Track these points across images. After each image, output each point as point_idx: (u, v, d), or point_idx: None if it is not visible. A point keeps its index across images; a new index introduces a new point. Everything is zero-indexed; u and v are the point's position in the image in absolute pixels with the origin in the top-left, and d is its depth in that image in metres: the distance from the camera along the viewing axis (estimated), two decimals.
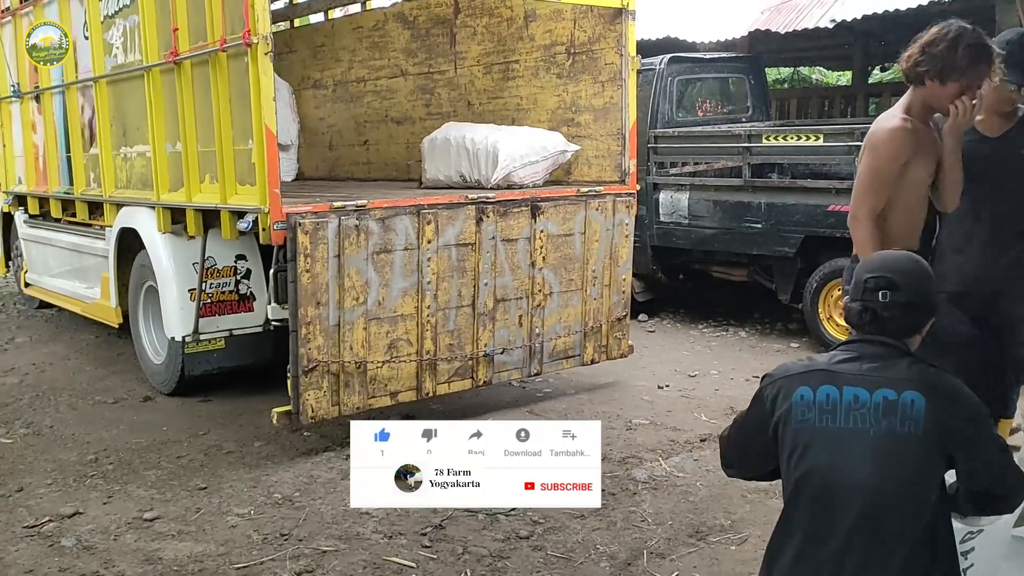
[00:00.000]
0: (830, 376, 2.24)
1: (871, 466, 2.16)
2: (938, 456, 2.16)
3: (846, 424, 2.19)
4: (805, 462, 2.22)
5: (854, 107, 10.16)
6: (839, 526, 2.17)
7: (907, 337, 2.30)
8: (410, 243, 4.82)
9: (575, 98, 6.05)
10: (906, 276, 2.30)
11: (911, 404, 2.15)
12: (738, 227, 7.08)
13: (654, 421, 5.26)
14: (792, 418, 2.25)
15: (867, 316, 2.28)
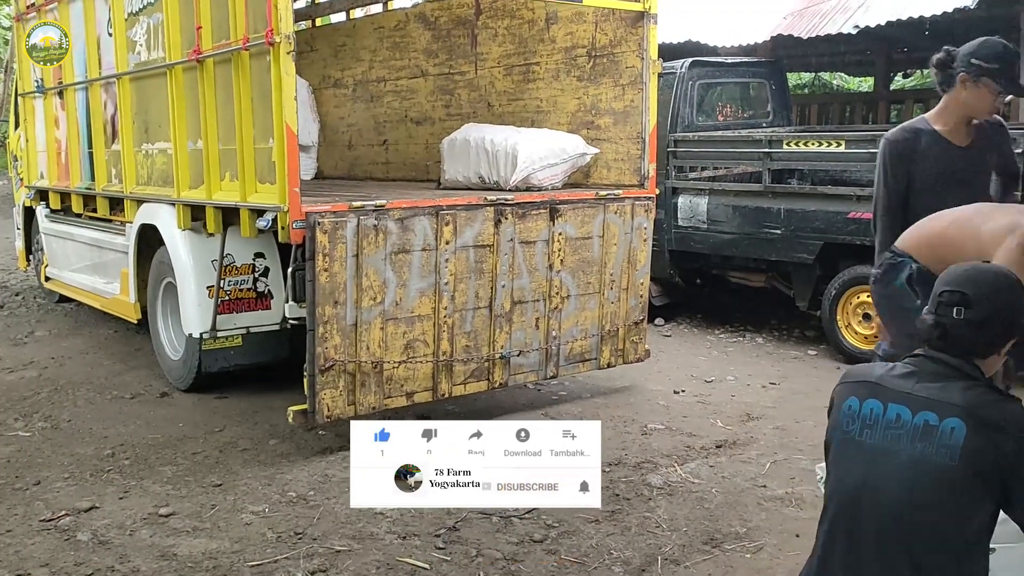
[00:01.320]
0: (879, 390, 2.21)
1: (898, 489, 2.11)
2: (977, 489, 2.06)
3: (883, 442, 2.15)
4: (839, 473, 2.22)
5: (875, 114, 10.09)
6: (860, 543, 2.14)
7: (979, 358, 2.21)
8: (428, 244, 4.83)
9: (595, 101, 6.04)
10: (983, 291, 2.19)
11: (951, 432, 2.07)
12: (757, 232, 7.05)
13: (670, 426, 5.24)
14: (839, 427, 2.24)
15: (936, 331, 2.20)
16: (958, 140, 3.61)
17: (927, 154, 3.58)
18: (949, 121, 3.60)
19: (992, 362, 2.25)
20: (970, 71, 3.49)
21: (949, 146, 3.59)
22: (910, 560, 2.08)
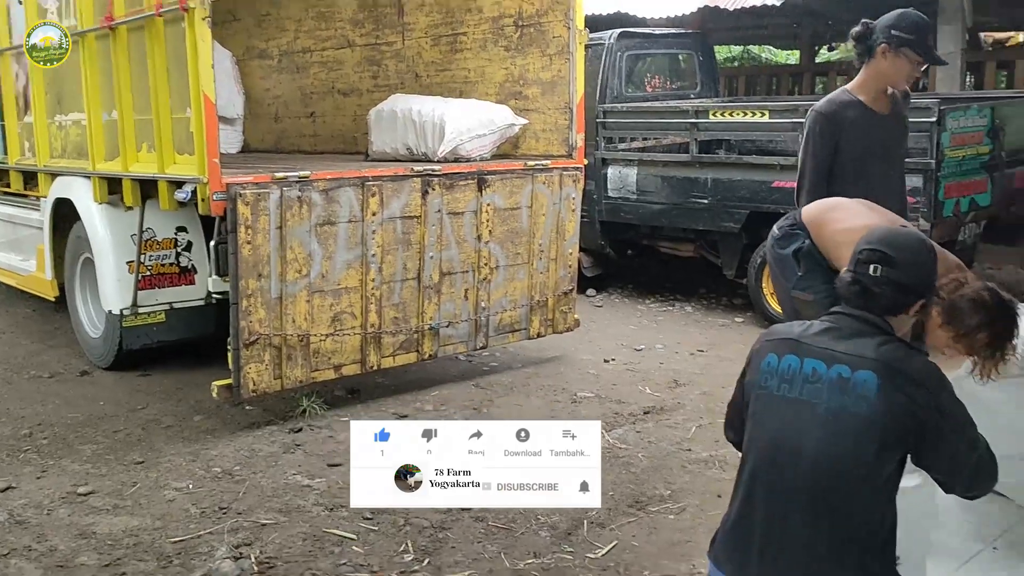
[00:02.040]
0: (797, 346, 2.25)
1: (815, 440, 2.16)
2: (886, 439, 2.12)
3: (800, 395, 2.20)
4: (758, 429, 2.26)
5: (801, 86, 10.25)
6: (779, 494, 2.18)
7: (892, 315, 2.27)
8: (354, 215, 4.77)
9: (523, 71, 6.02)
10: (904, 253, 2.27)
11: (863, 383, 2.13)
12: (685, 203, 7.12)
13: (599, 394, 5.29)
14: (757, 383, 2.28)
15: (855, 288, 2.26)
16: (879, 109, 3.70)
17: (854, 124, 3.64)
18: (871, 91, 3.67)
19: (902, 321, 2.31)
20: (890, 42, 3.56)
21: (873, 116, 3.68)
22: (828, 509, 2.14)
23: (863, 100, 3.66)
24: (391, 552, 3.44)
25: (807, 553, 2.14)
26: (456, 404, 5.13)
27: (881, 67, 3.60)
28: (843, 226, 3.18)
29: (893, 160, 3.76)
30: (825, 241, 3.23)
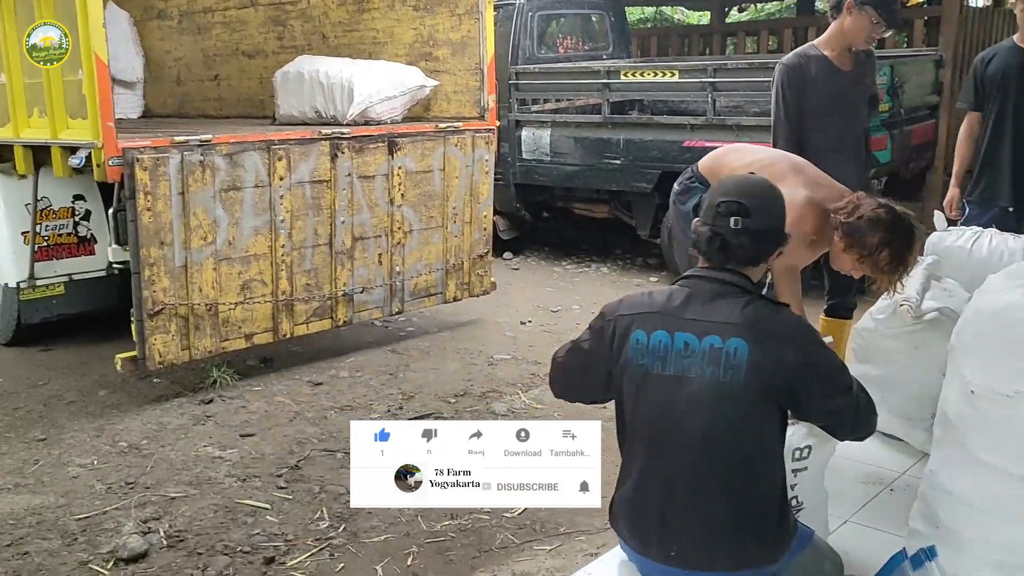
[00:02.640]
0: (664, 320, 2.20)
1: (698, 413, 2.15)
2: (764, 402, 2.14)
3: (677, 371, 2.16)
4: (640, 408, 2.22)
5: (711, 46, 10.36)
6: (670, 468, 2.18)
7: (752, 265, 2.27)
8: (261, 180, 4.66)
9: (432, 32, 5.93)
10: (759, 201, 2.23)
11: (734, 352, 2.11)
12: (598, 164, 7.15)
13: (516, 356, 5.31)
14: (629, 362, 2.22)
15: (716, 242, 2.21)
16: (843, 65, 3.86)
17: (817, 78, 3.81)
18: (835, 47, 3.83)
19: (759, 271, 2.31)
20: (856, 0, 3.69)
21: (836, 70, 3.84)
22: (719, 478, 2.15)
23: (827, 55, 3.83)
24: (306, 520, 3.41)
25: (707, 526, 2.16)
26: (372, 370, 5.09)
27: (845, 24, 3.76)
28: (740, 163, 3.25)
29: (853, 114, 3.93)
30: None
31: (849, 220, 2.82)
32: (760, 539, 2.18)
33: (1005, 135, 4.30)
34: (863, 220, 2.79)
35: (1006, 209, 4.31)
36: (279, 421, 4.34)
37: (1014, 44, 4.32)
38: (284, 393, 4.72)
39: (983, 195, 4.39)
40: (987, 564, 2.22)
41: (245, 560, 3.15)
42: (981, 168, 4.41)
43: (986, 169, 4.38)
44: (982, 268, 3.23)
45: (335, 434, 4.18)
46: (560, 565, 3.07)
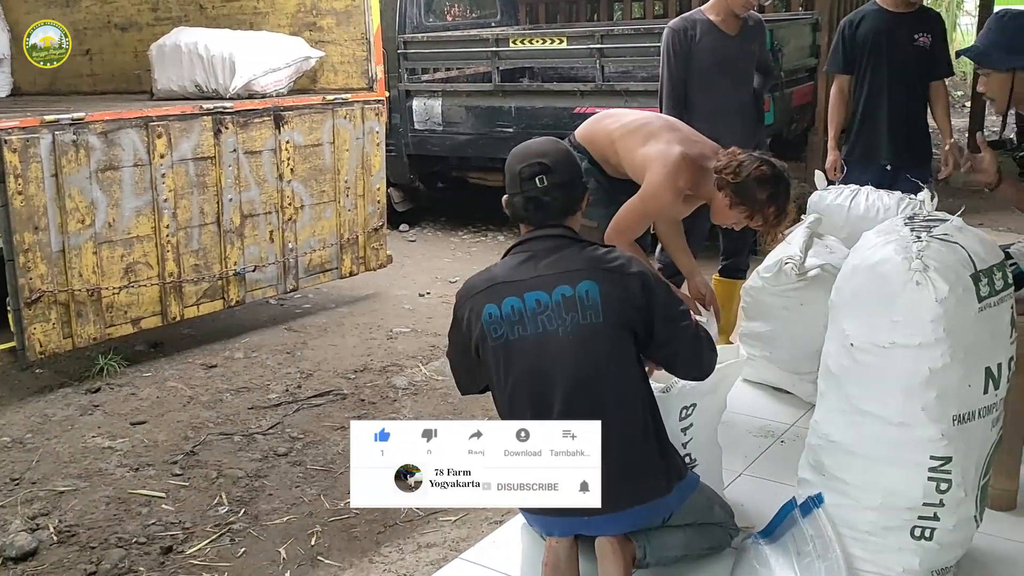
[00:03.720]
0: (510, 287, 2.24)
1: (569, 361, 2.20)
2: (624, 336, 2.24)
3: (536, 330, 2.22)
4: (511, 376, 2.25)
5: (599, 12, 10.41)
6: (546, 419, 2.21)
7: (570, 215, 2.35)
8: (140, 159, 4.48)
9: (316, 1, 5.78)
10: (555, 157, 2.33)
11: (587, 294, 2.20)
12: (491, 132, 7.13)
13: (415, 328, 5.28)
14: (488, 337, 2.25)
15: (532, 205, 2.30)
16: (729, 29, 3.98)
17: (703, 42, 3.92)
18: (721, 12, 3.95)
19: (576, 219, 2.41)
20: None
21: (722, 35, 3.96)
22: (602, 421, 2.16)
23: (713, 20, 3.95)
24: (204, 506, 3.33)
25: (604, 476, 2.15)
26: (269, 349, 4.99)
27: None
28: (616, 126, 3.30)
29: (741, 76, 4.06)
30: (601, 145, 3.32)
31: (737, 181, 2.90)
32: (648, 473, 2.28)
33: (881, 95, 4.46)
34: (751, 179, 2.89)
35: (884, 167, 4.48)
36: (172, 407, 4.22)
37: (879, 7, 4.47)
38: (176, 378, 4.59)
39: (863, 154, 4.54)
40: (870, 507, 2.32)
41: (141, 552, 3.07)
42: (859, 128, 4.55)
43: (864, 129, 4.53)
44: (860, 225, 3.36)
45: (231, 417, 4.09)
46: (465, 535, 3.09)
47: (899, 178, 4.32)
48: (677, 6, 9.57)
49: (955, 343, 2.16)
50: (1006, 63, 2.85)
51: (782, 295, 3.57)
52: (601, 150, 3.35)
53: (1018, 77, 2.84)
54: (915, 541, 2.29)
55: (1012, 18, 2.93)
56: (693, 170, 3.05)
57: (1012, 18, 2.93)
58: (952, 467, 2.23)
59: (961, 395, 2.21)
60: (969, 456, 2.26)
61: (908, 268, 2.19)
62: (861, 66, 4.48)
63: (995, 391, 2.25)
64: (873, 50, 4.43)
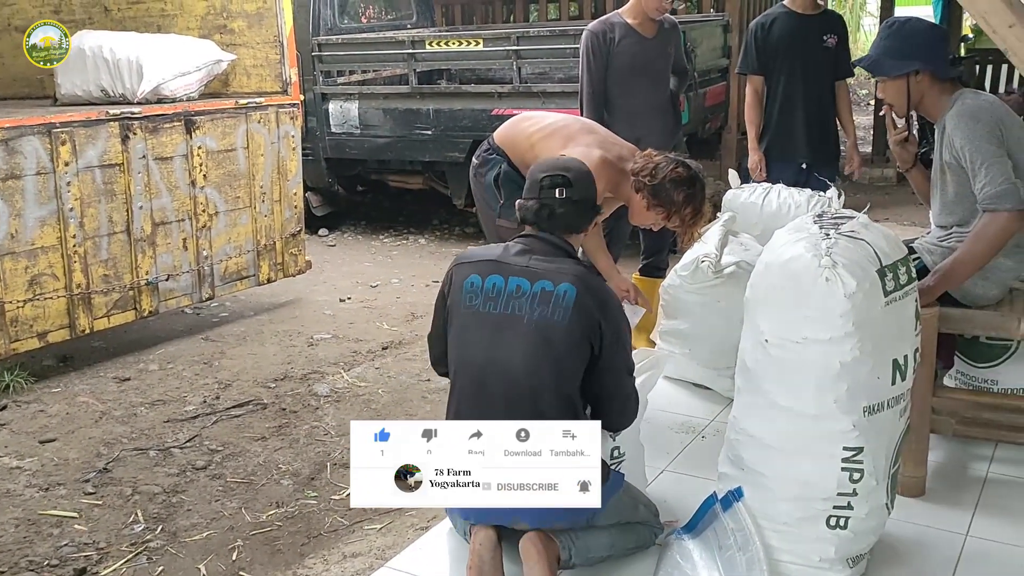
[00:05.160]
0: (500, 266, 2.39)
1: (521, 350, 2.31)
2: (582, 345, 2.33)
3: (506, 311, 2.34)
4: (466, 344, 2.38)
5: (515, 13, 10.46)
6: (492, 404, 2.31)
7: (575, 233, 2.51)
8: (43, 167, 4.32)
9: (225, 3, 5.66)
10: (578, 175, 2.50)
11: (563, 295, 2.32)
12: (409, 135, 7.09)
13: (336, 334, 5.22)
14: (461, 302, 2.39)
15: (544, 212, 2.45)
16: (646, 32, 4.07)
17: (621, 44, 4.00)
18: (637, 15, 4.04)
19: (579, 240, 2.57)
20: None
21: (640, 37, 4.04)
22: (533, 412, 2.30)
23: (630, 22, 4.03)
24: (119, 525, 3.23)
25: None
26: (185, 360, 4.86)
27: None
28: (534, 128, 3.32)
29: (658, 78, 4.15)
30: (520, 149, 3.34)
31: (654, 183, 2.95)
32: None
33: (796, 95, 4.58)
34: (668, 181, 2.95)
35: (800, 165, 4.60)
36: (83, 423, 4.08)
37: (788, 10, 4.59)
38: (87, 392, 4.43)
39: (781, 154, 4.65)
40: (787, 498, 2.38)
41: (53, 574, 2.95)
42: (776, 128, 4.66)
43: (781, 129, 4.64)
44: (773, 222, 3.45)
45: (146, 431, 3.97)
46: (391, 542, 3.05)
47: (813, 176, 4.45)
48: (592, 8, 9.68)
49: (864, 337, 2.23)
50: (898, 69, 2.97)
51: (699, 293, 3.64)
52: (521, 153, 3.37)
53: (912, 82, 2.96)
54: (831, 530, 2.36)
55: (900, 26, 3.06)
56: (612, 172, 3.09)
57: (900, 26, 3.06)
58: (864, 457, 2.30)
59: (871, 387, 2.28)
60: (880, 446, 2.33)
61: (818, 265, 2.25)
62: (775, 67, 4.59)
63: (902, 382, 2.33)
64: (787, 52, 4.54)
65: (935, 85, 2.96)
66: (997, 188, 2.74)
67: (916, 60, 2.93)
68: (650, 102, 4.11)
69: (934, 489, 2.94)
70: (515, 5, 10.41)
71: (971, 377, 3.34)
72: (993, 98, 2.97)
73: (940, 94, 2.96)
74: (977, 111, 2.85)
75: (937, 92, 2.96)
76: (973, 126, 2.82)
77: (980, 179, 2.77)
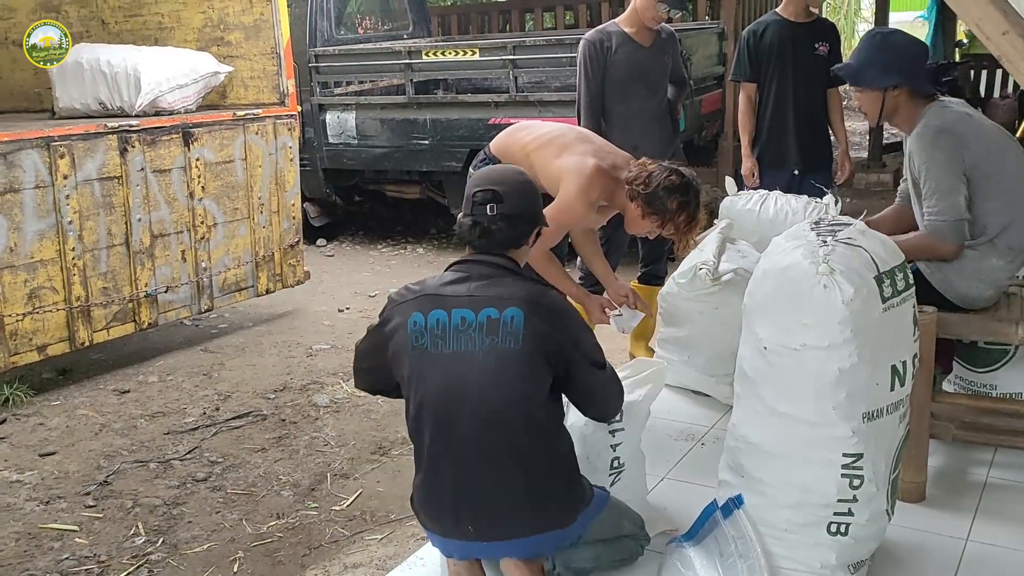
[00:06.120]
0: (439, 300, 2.24)
1: (481, 384, 2.20)
2: (541, 366, 2.23)
3: (457, 347, 2.21)
4: (424, 387, 2.23)
5: (511, 23, 10.49)
6: (458, 443, 2.22)
7: (515, 248, 2.36)
8: (42, 180, 4.33)
9: (223, 15, 5.68)
10: (511, 188, 2.33)
11: (511, 320, 2.19)
12: (407, 144, 7.10)
13: (335, 345, 5.22)
14: (408, 344, 2.24)
15: (477, 230, 2.30)
16: (643, 41, 4.09)
17: (619, 53, 4.02)
18: (634, 24, 4.07)
19: (523, 252, 2.43)
20: None
21: (637, 46, 4.07)
22: (507, 445, 2.22)
23: (627, 31, 4.05)
24: (120, 538, 3.23)
25: (499, 496, 2.23)
26: (184, 372, 4.86)
27: (636, 3, 4.01)
28: (530, 138, 3.34)
29: (654, 87, 4.17)
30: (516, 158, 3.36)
31: (648, 191, 2.96)
32: (552, 504, 2.28)
33: (787, 102, 4.60)
34: (661, 189, 2.95)
35: (793, 172, 4.62)
36: (83, 436, 4.08)
37: (780, 17, 4.62)
38: (87, 405, 4.44)
39: (773, 160, 4.68)
40: (787, 505, 2.39)
41: None
42: (768, 134, 4.68)
43: (773, 135, 4.66)
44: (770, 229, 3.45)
45: (146, 443, 3.97)
46: (392, 552, 3.06)
47: (805, 182, 4.47)
48: (588, 16, 9.71)
49: (862, 343, 2.24)
50: (877, 82, 2.99)
51: (697, 300, 3.64)
52: (516, 163, 3.37)
53: (888, 95, 2.98)
54: (831, 537, 2.36)
55: (883, 38, 3.08)
56: (607, 181, 3.10)
57: (883, 38, 3.08)
58: (864, 463, 2.30)
59: (870, 393, 2.28)
60: (879, 452, 2.34)
61: (816, 272, 2.26)
62: (767, 74, 4.62)
63: (901, 388, 2.34)
64: (778, 59, 4.57)
65: (912, 100, 3.00)
66: (944, 220, 2.86)
67: (896, 75, 2.95)
68: (647, 110, 4.14)
69: (934, 494, 2.95)
70: (511, 15, 10.45)
71: (970, 382, 3.35)
72: (960, 114, 2.98)
73: (915, 108, 3.00)
74: (937, 136, 2.89)
75: (913, 107, 3.00)
76: (932, 152, 2.88)
77: (930, 205, 2.88)
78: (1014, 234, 2.92)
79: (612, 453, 2.68)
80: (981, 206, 2.91)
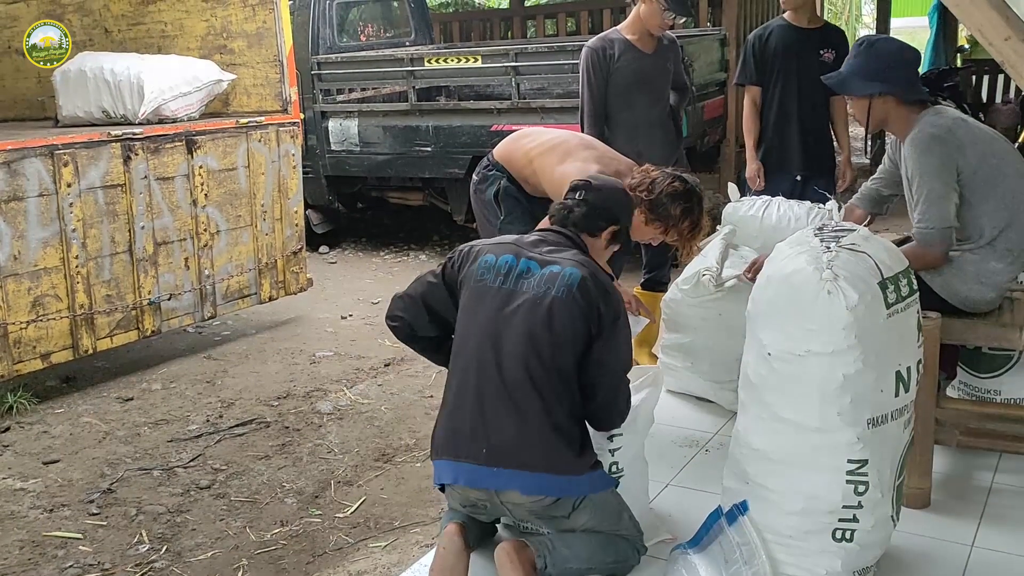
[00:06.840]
0: (515, 248, 2.57)
1: (528, 319, 2.43)
2: (583, 324, 2.43)
3: (514, 287, 2.48)
4: (472, 317, 2.50)
5: (512, 30, 10.51)
6: (493, 368, 2.42)
7: (587, 233, 2.68)
8: (46, 188, 4.34)
9: (225, 23, 5.70)
10: (602, 185, 2.74)
11: (569, 275, 2.46)
12: (409, 151, 7.11)
13: (338, 352, 5.22)
14: (473, 276, 2.54)
15: (563, 210, 2.69)
16: (645, 48, 4.10)
17: (622, 60, 4.03)
18: (637, 31, 4.08)
19: (597, 244, 2.71)
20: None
21: (639, 53, 4.07)
22: (537, 383, 2.40)
23: (630, 39, 4.05)
24: (124, 545, 3.23)
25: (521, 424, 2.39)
26: (187, 379, 4.86)
27: (641, 11, 4.01)
28: (533, 144, 3.34)
29: (657, 93, 4.18)
30: (519, 165, 3.36)
31: (651, 197, 2.97)
32: (565, 447, 2.42)
33: (791, 108, 4.60)
34: (664, 195, 2.97)
35: (795, 178, 4.62)
36: (87, 443, 4.08)
37: (786, 23, 4.62)
38: (91, 413, 4.44)
39: (776, 165, 4.68)
40: (792, 512, 2.38)
41: None
42: (771, 140, 4.68)
43: (776, 141, 4.66)
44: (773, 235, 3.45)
45: (150, 451, 3.97)
46: (396, 560, 3.05)
47: (808, 188, 4.46)
48: (590, 23, 9.73)
49: (866, 349, 2.23)
50: (863, 90, 3.00)
51: (701, 306, 3.64)
52: (519, 169, 3.38)
53: (875, 103, 2.99)
54: (836, 543, 2.35)
55: (870, 46, 3.08)
56: None
57: (870, 46, 3.08)
58: (868, 469, 2.30)
59: (874, 399, 2.28)
60: (884, 458, 2.33)
61: (820, 278, 2.26)
62: (771, 79, 4.62)
63: (906, 394, 2.34)
64: (783, 64, 4.57)
65: (901, 107, 2.99)
66: (932, 228, 2.88)
67: (879, 82, 2.96)
68: (650, 117, 4.14)
69: (939, 500, 2.94)
70: (513, 22, 10.47)
71: (974, 388, 3.34)
72: (953, 120, 2.97)
73: (908, 115, 3.00)
74: (930, 143, 2.89)
75: (904, 113, 3.00)
76: (924, 160, 2.89)
77: (919, 212, 2.90)
78: (1013, 236, 2.93)
79: (610, 458, 2.67)
80: (978, 209, 2.92)
